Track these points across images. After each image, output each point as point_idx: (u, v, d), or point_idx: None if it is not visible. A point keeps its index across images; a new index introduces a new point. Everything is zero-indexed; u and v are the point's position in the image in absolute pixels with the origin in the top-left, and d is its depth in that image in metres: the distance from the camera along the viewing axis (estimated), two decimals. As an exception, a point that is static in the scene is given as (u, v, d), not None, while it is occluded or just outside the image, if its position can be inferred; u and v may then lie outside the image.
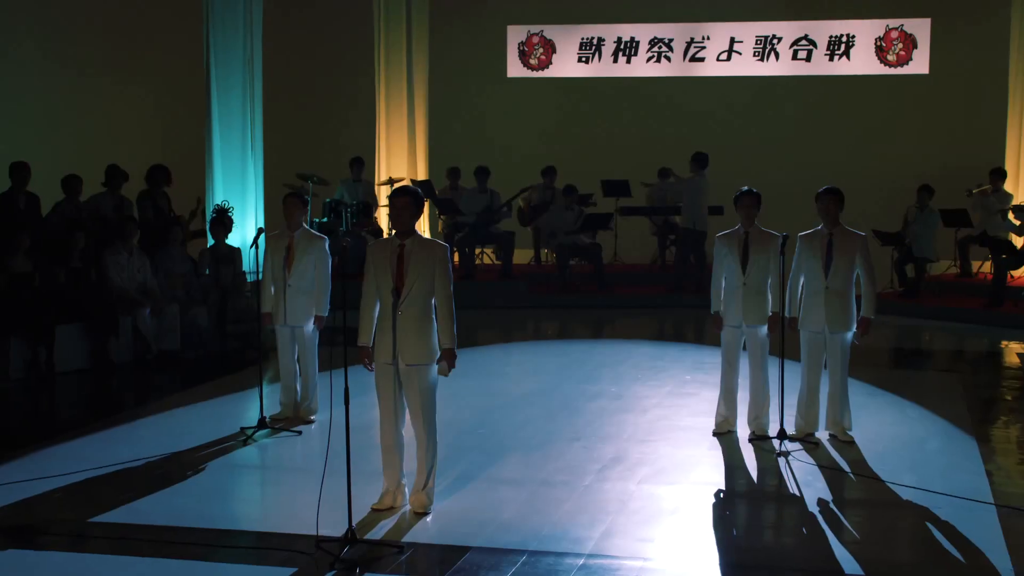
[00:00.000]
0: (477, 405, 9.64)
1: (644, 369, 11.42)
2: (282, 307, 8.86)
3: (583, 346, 13.19)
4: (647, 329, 14.61)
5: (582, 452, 8.12)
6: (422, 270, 6.44)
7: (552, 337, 14.28)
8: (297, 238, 8.89)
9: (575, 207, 16.71)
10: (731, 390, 8.64)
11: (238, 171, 15.51)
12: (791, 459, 7.86)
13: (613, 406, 9.65)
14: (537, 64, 20.40)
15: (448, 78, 20.33)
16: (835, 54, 19.61)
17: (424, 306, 6.50)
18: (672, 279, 16.63)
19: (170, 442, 8.39)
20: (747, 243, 8.44)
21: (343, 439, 6.14)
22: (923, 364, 12.50)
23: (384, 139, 18.76)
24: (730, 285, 8.52)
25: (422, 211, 6.66)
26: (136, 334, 11.71)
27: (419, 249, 6.48)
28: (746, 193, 8.50)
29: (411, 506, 6.64)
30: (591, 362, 11.99)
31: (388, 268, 6.46)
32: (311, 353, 9.03)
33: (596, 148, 20.28)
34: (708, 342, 13.19)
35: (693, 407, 9.61)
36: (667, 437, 8.58)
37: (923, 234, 15.82)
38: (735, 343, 8.58)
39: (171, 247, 12.42)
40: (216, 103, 15.34)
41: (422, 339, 6.49)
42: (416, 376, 6.51)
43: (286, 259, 8.84)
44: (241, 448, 8.26)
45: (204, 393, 10.40)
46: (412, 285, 6.43)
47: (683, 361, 11.91)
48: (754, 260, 8.39)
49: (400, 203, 6.48)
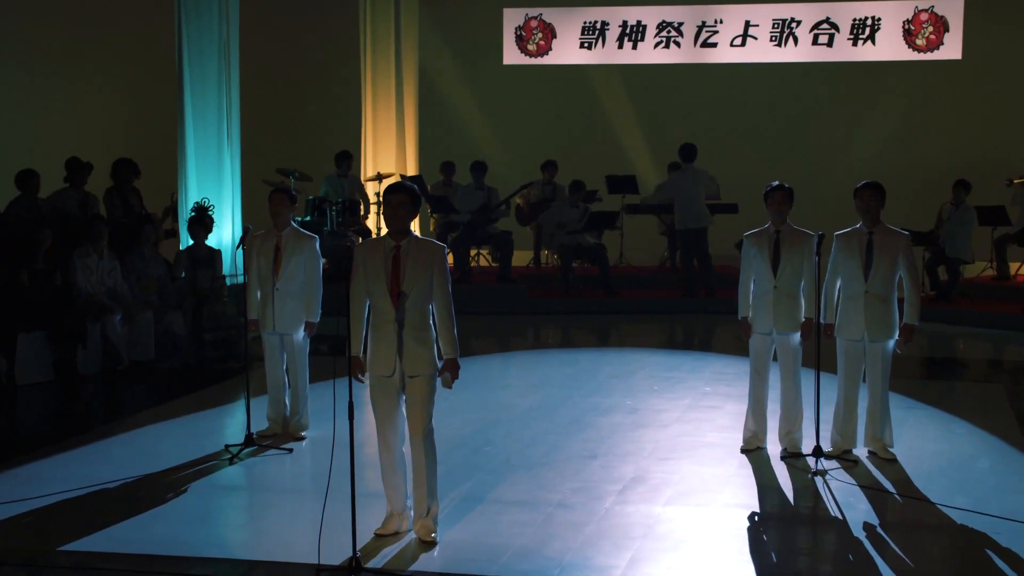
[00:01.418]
0: (480, 420, 9.53)
1: (660, 380, 11.34)
2: (270, 313, 8.75)
3: (590, 355, 13.10)
4: (658, 337, 14.55)
5: (599, 471, 8.03)
6: (420, 273, 6.32)
7: (555, 345, 14.19)
8: (285, 238, 8.77)
9: (580, 205, 16.62)
10: (761, 403, 8.54)
11: (213, 166, 15.31)
12: (828, 478, 7.77)
13: (629, 421, 9.57)
14: (536, 50, 20.32)
15: (440, 66, 20.29)
16: (859, 38, 19.55)
17: (424, 312, 6.40)
18: (683, 283, 16.50)
19: (146, 461, 8.26)
20: (778, 243, 8.34)
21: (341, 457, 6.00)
22: (961, 374, 12.43)
23: (371, 132, 18.70)
24: (759, 288, 8.42)
25: (419, 209, 6.53)
26: (106, 343, 11.59)
27: (416, 250, 6.36)
28: (777, 188, 8.39)
29: (417, 534, 6.51)
30: (601, 373, 11.91)
31: (382, 272, 6.33)
32: (301, 363, 8.91)
33: (600, 141, 20.28)
34: (726, 350, 13.19)
35: (717, 422, 9.53)
36: (691, 455, 8.50)
37: (957, 233, 15.73)
38: (765, 352, 8.49)
39: (143, 248, 12.30)
40: (189, 92, 15.14)
41: (423, 348, 6.38)
42: (417, 389, 6.40)
43: (274, 261, 8.71)
44: (226, 468, 8.14)
45: (182, 407, 10.27)
46: (411, 290, 6.31)
47: (702, 371, 11.84)
48: (786, 261, 8.29)
49: (396, 200, 6.35)
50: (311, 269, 8.76)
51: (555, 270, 17.21)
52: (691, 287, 16.31)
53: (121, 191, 13.27)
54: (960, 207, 15.89)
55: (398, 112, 18.74)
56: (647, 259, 18.49)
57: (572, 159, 18.66)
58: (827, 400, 8.42)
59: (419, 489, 6.48)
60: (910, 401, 10.19)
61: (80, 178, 13.09)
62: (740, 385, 10.66)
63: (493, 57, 20.43)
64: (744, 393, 10.02)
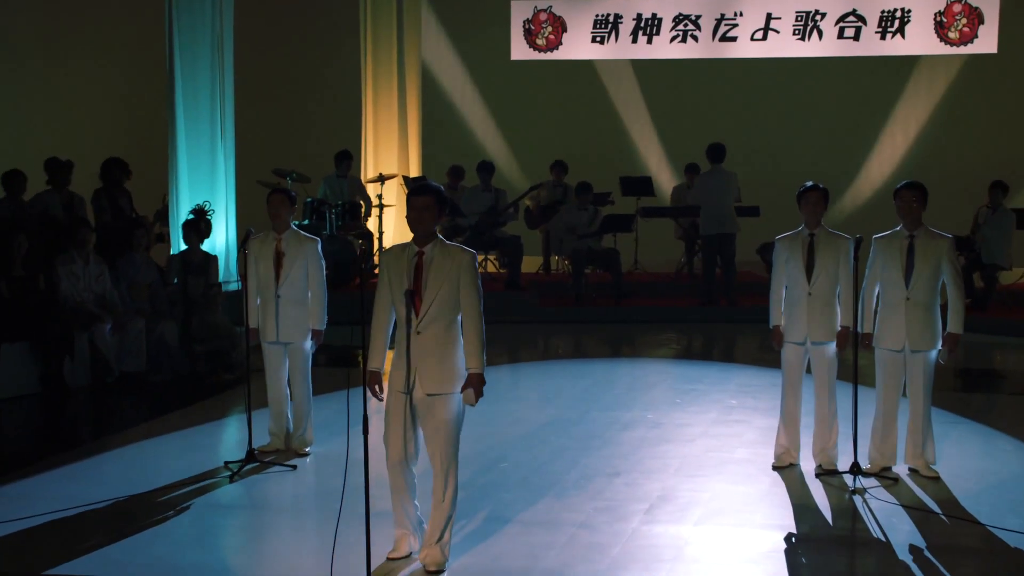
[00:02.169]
0: (493, 435, 9.46)
1: (682, 393, 11.30)
2: (272, 322, 8.66)
3: (605, 366, 13.07)
4: (676, 347, 14.53)
5: (624, 489, 7.97)
6: (445, 282, 6.19)
7: (567, 356, 14.14)
8: (286, 241, 8.69)
9: (590, 207, 16.57)
10: (793, 417, 8.47)
11: (206, 166, 15.31)
12: (868, 497, 7.68)
13: (652, 436, 9.51)
14: (545, 45, 20.25)
15: (444, 61, 20.24)
16: (888, 31, 19.46)
17: (448, 324, 6.26)
18: (702, 291, 16.42)
19: (139, 479, 8.18)
20: (813, 247, 8.26)
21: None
22: (1000, 386, 12.34)
23: (371, 130, 18.71)
24: (793, 295, 8.35)
25: (445, 213, 6.42)
26: (94, 354, 11.51)
27: (441, 257, 6.23)
28: (811, 188, 8.32)
29: (423, 562, 6.34)
30: (618, 385, 11.88)
31: (404, 280, 6.21)
32: (305, 374, 8.83)
33: (612, 141, 20.24)
34: (750, 361, 13.16)
35: (745, 436, 9.48)
36: (720, 472, 8.43)
37: (994, 237, 15.64)
38: (798, 363, 8.42)
39: (134, 253, 12.20)
40: (180, 88, 15.14)
41: (444, 363, 6.25)
42: (436, 407, 6.26)
43: (275, 266, 8.63)
44: (226, 486, 8.05)
45: (176, 422, 10.19)
46: (432, 300, 6.18)
47: (726, 383, 11.78)
48: (821, 266, 8.22)
49: (421, 203, 6.22)
50: (315, 274, 8.69)
51: (566, 277, 17.13)
52: (711, 295, 16.23)
53: (110, 193, 13.21)
54: (997, 210, 15.80)
55: (400, 110, 18.74)
56: (663, 265, 18.41)
57: (583, 159, 18.64)
58: (865, 414, 8.32)
59: (435, 520, 6.34)
60: (951, 415, 10.10)
61: (62, 179, 13.03)
62: (767, 398, 10.77)
63: (500, 52, 20.38)
64: (772, 406, 10.03)
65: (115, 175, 13.31)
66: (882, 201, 19.31)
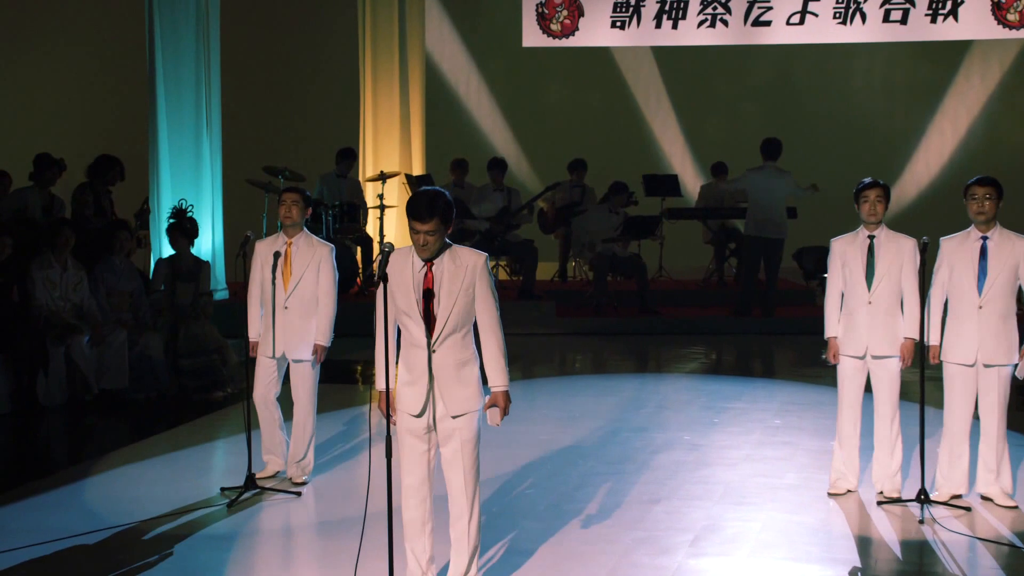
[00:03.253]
0: (516, 458, 9.37)
1: (719, 412, 11.24)
2: (272, 334, 8.54)
3: (632, 382, 13.00)
4: (707, 361, 14.51)
5: (664, 518, 7.90)
6: (459, 293, 6.05)
7: (589, 371, 14.12)
8: (297, 246, 8.54)
9: (620, 211, 16.50)
10: (851, 439, 8.35)
11: (190, 164, 15.31)
12: (938, 528, 7.56)
13: (691, 459, 9.44)
14: (560, 30, 20.08)
15: (449, 48, 20.16)
16: (939, 14, 19.27)
17: (463, 334, 6.15)
18: (738, 299, 16.31)
19: (126, 509, 8.10)
20: (873, 250, 8.12)
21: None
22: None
23: (371, 125, 18.65)
24: (851, 304, 8.24)
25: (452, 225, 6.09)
26: (71, 369, 11.41)
27: (452, 265, 6.06)
28: (871, 185, 8.19)
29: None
30: (648, 403, 11.83)
31: (411, 294, 6.06)
32: (309, 394, 8.70)
33: (631, 135, 20.18)
34: (791, 377, 13.10)
35: (795, 460, 9.40)
36: (770, 499, 8.35)
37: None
38: (856, 378, 8.30)
39: (115, 257, 12.08)
40: (161, 79, 15.13)
41: (465, 380, 6.15)
42: (459, 429, 6.16)
43: (282, 273, 8.50)
44: (225, 516, 7.95)
45: (163, 445, 10.10)
46: (447, 317, 6.05)
47: (768, 401, 11.72)
48: (883, 272, 8.09)
49: (425, 228, 5.89)
50: (326, 283, 8.57)
51: (585, 285, 17.04)
52: (746, 305, 16.09)
53: (96, 192, 13.08)
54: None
55: (402, 102, 18.66)
56: (690, 271, 18.32)
57: (601, 156, 18.64)
58: (932, 435, 8.28)
59: (459, 553, 6.25)
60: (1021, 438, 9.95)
61: (48, 178, 12.97)
62: (815, 417, 10.76)
63: (511, 39, 20.24)
64: (822, 426, 10.04)
65: (108, 174, 13.20)
66: (928, 200, 19.34)
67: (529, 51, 20.25)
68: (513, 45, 20.29)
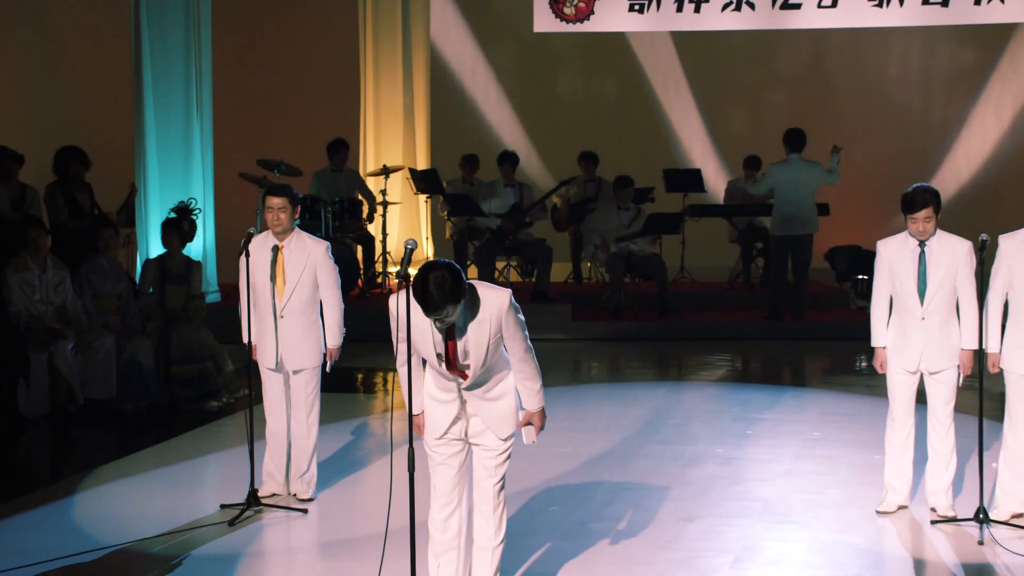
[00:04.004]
0: (537, 472, 9.28)
1: (752, 423, 11.17)
2: (272, 345, 8.48)
3: (655, 391, 12.98)
4: (734, 368, 14.52)
5: (701, 537, 7.85)
6: (489, 343, 6.03)
7: (608, 379, 14.14)
8: (288, 249, 8.44)
9: (631, 206, 16.40)
10: (902, 452, 8.24)
11: (179, 156, 15.27)
12: (999, 551, 7.45)
13: (725, 474, 9.40)
14: (574, 15, 20.04)
15: (455, 34, 20.08)
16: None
17: (498, 370, 6.22)
18: (769, 302, 16.20)
19: (117, 527, 8.07)
20: (925, 259, 7.95)
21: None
22: None
23: (372, 116, 18.73)
24: (901, 315, 8.11)
25: None
26: (54, 377, 11.35)
27: (473, 319, 5.96)
28: (919, 205, 7.90)
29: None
30: (675, 413, 11.81)
31: (432, 349, 6.06)
32: (311, 405, 8.61)
33: (652, 128, 20.13)
34: (826, 386, 13.09)
35: (837, 474, 9.34)
36: (813, 517, 8.29)
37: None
38: (908, 390, 8.19)
39: (101, 257, 12.01)
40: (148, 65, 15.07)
41: (501, 408, 6.23)
42: (496, 451, 6.27)
43: (274, 278, 8.41)
44: (226, 534, 7.90)
45: (155, 458, 10.05)
46: (478, 368, 6.08)
47: (803, 411, 11.72)
48: (937, 283, 7.93)
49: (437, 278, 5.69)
50: (327, 283, 8.48)
51: (601, 286, 16.98)
52: (777, 309, 15.97)
53: (66, 187, 12.99)
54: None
55: (405, 92, 18.72)
56: (714, 272, 18.24)
57: (616, 149, 18.52)
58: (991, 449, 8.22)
59: (479, 568, 6.27)
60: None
61: (9, 171, 12.82)
62: (856, 428, 10.74)
63: (521, 24, 20.22)
64: (866, 438, 10.06)
65: (72, 167, 13.12)
66: (969, 195, 19.25)
67: (540, 37, 20.22)
68: (523, 31, 20.28)
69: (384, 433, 6.79)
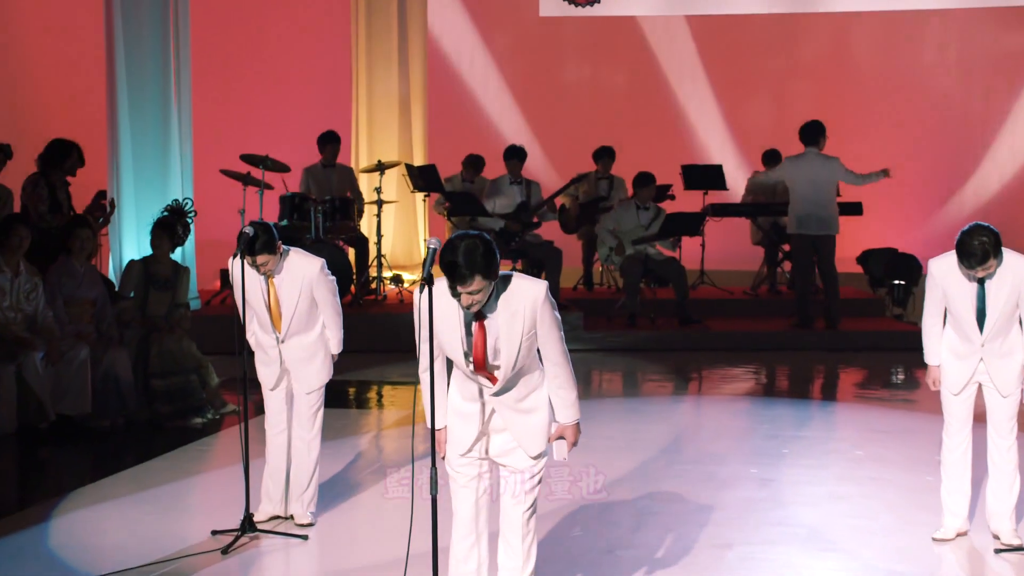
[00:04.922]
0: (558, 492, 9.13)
1: (788, 441, 11.14)
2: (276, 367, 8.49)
3: (679, 406, 13.06)
4: (763, 382, 14.53)
5: (740, 565, 7.80)
6: (521, 340, 5.93)
7: (626, 393, 14.17)
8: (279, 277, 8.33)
9: (651, 206, 16.35)
10: (960, 473, 8.14)
11: (156, 151, 15.20)
12: (1072, 581, 7.42)
13: (763, 497, 9.34)
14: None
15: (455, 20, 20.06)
16: (1030, -28, 19.36)
17: (527, 373, 6.12)
18: (797, 309, 16.12)
19: (97, 556, 7.97)
20: (984, 285, 7.79)
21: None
22: None
23: (364, 108, 18.77)
24: (957, 339, 8.01)
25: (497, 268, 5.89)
26: (23, 391, 11.22)
27: (505, 311, 5.88)
28: (979, 257, 7.59)
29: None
30: (703, 430, 11.88)
31: (459, 346, 5.98)
32: (312, 419, 8.55)
33: (667, 119, 20.19)
34: (865, 400, 13.10)
35: (885, 497, 9.27)
36: (863, 544, 8.20)
37: None
38: (966, 407, 8.10)
39: (74, 260, 11.88)
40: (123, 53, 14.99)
41: (534, 423, 6.17)
42: (526, 474, 6.21)
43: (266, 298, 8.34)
44: (219, 562, 7.82)
45: (135, 480, 9.95)
46: (509, 369, 6.00)
47: (842, 428, 11.80)
48: (997, 310, 7.77)
49: (470, 289, 5.71)
50: (325, 302, 8.45)
51: (615, 293, 17.08)
52: (806, 316, 15.89)
53: (50, 183, 12.88)
54: None
55: (401, 82, 18.74)
56: (737, 277, 18.20)
57: (628, 143, 18.55)
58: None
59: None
60: None
61: None
62: (903, 447, 10.74)
63: (525, 8, 20.26)
64: (914, 458, 10.12)
65: (66, 162, 13.03)
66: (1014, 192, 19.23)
67: (546, 22, 20.27)
68: (527, 15, 20.32)
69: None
